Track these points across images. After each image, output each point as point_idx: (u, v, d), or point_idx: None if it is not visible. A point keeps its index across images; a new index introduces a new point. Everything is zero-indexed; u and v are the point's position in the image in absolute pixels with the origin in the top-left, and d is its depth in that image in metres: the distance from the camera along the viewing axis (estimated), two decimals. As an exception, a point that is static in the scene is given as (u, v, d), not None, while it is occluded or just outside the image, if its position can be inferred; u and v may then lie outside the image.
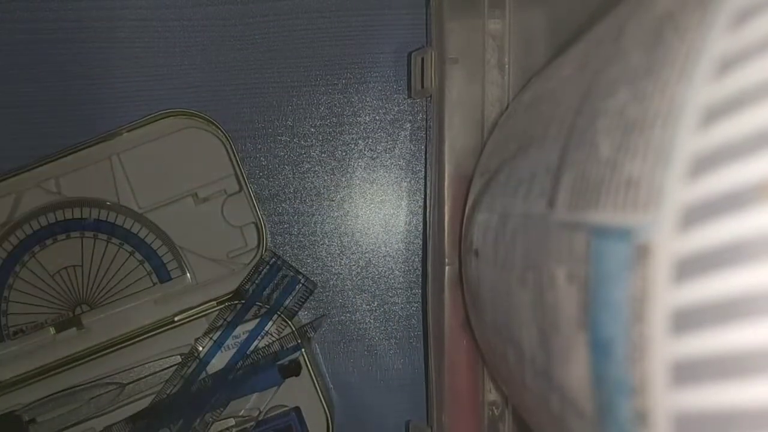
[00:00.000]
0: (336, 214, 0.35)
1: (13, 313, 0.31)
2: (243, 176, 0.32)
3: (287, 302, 0.33)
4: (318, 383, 0.33)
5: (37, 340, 0.31)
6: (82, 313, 0.32)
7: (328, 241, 0.35)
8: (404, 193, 0.35)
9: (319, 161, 0.35)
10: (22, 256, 0.31)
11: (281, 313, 0.32)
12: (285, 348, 0.32)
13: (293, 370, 0.32)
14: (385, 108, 0.35)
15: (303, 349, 0.32)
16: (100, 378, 0.31)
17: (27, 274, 0.32)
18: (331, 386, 0.35)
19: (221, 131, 0.32)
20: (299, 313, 0.34)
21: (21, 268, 0.31)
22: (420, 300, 0.35)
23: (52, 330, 0.31)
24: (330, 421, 0.33)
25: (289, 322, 0.32)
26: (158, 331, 0.32)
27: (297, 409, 0.32)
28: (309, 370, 0.33)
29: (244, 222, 0.33)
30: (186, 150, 0.32)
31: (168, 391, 0.31)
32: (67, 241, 0.32)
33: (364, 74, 0.35)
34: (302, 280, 0.33)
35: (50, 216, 0.32)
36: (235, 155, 0.32)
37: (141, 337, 0.32)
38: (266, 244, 0.33)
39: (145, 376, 0.32)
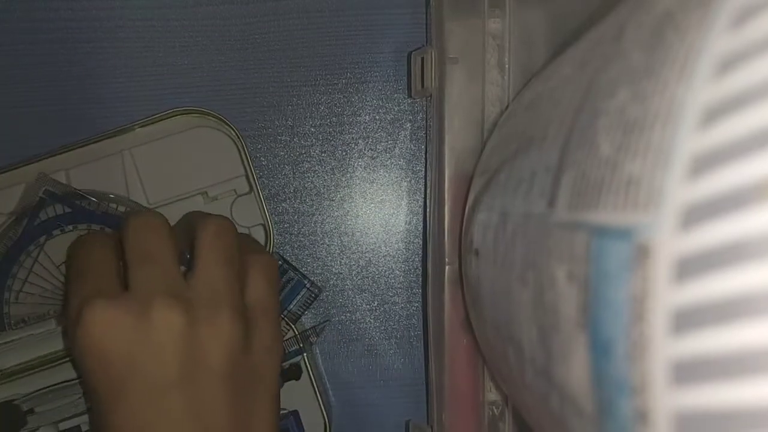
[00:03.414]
0: (336, 213, 0.35)
1: (16, 303, 0.31)
2: (254, 177, 0.32)
3: (291, 305, 0.33)
4: (317, 387, 0.32)
5: (39, 330, 0.31)
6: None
7: (329, 241, 0.35)
8: (404, 193, 0.35)
9: (319, 161, 0.35)
10: (28, 246, 0.31)
11: (285, 316, 0.32)
12: (287, 351, 0.32)
13: (293, 374, 0.32)
14: (386, 108, 0.35)
15: (305, 354, 0.32)
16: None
17: (32, 265, 0.32)
18: (330, 389, 0.35)
19: (234, 131, 0.32)
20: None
21: (26, 258, 0.31)
22: (420, 299, 0.35)
23: (54, 321, 0.31)
24: (328, 426, 0.32)
25: (293, 326, 0.32)
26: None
27: (295, 413, 0.32)
28: (309, 374, 0.33)
29: (252, 223, 0.33)
30: (198, 148, 0.32)
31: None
32: (74, 233, 0.32)
33: (364, 74, 0.35)
34: (308, 284, 0.33)
35: (58, 207, 0.31)
36: (246, 156, 0.32)
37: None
38: (273, 246, 0.33)
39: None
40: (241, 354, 0.25)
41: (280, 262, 0.33)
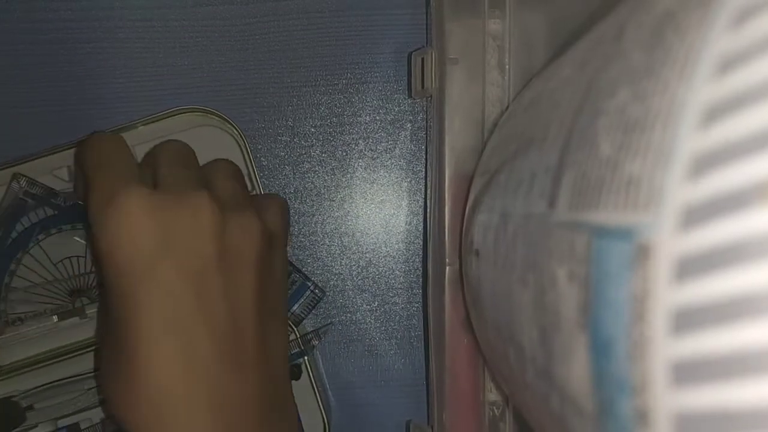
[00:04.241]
0: (336, 214, 0.35)
1: (13, 300, 0.31)
2: (256, 176, 0.32)
3: (295, 307, 0.33)
4: (317, 387, 0.32)
5: (38, 327, 0.31)
6: (83, 305, 0.32)
7: (329, 242, 0.35)
8: (405, 194, 0.35)
9: (320, 161, 0.35)
10: (26, 243, 0.31)
11: (288, 318, 0.32)
12: (288, 353, 0.32)
13: (293, 374, 0.32)
14: (386, 108, 0.35)
15: (306, 357, 0.32)
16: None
17: (30, 262, 0.32)
18: (330, 390, 0.35)
19: (237, 130, 0.32)
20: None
21: (24, 255, 0.31)
22: (421, 300, 0.35)
23: (54, 318, 0.31)
24: (327, 426, 0.32)
25: (295, 329, 0.32)
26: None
27: None
28: (309, 375, 0.32)
29: None
30: (200, 147, 0.32)
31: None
32: (72, 231, 0.32)
33: (364, 74, 0.35)
34: (312, 287, 0.33)
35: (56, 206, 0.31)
36: (249, 155, 0.32)
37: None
38: None
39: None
40: (265, 257, 0.26)
41: None
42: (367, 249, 0.35)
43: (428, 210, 0.31)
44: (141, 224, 0.24)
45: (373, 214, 0.35)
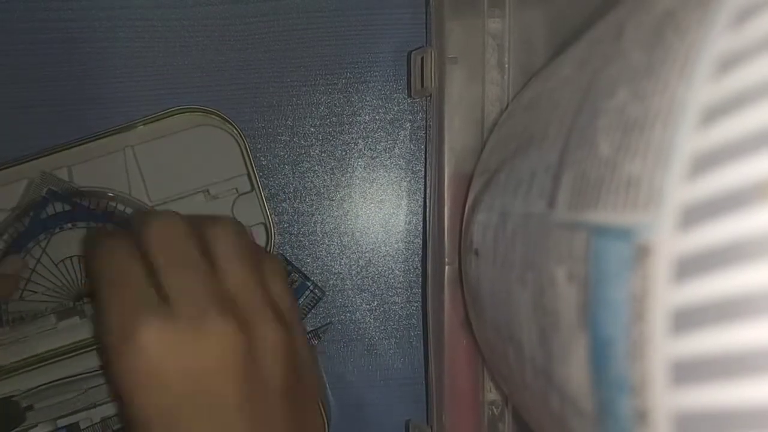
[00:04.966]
0: (336, 213, 0.35)
1: (14, 300, 0.31)
2: (255, 176, 0.32)
3: None
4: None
5: (38, 327, 0.31)
6: (84, 304, 0.32)
7: (328, 241, 0.35)
8: (404, 193, 0.35)
9: (319, 161, 0.35)
10: (27, 243, 0.31)
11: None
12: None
13: None
14: (385, 107, 0.35)
15: None
16: (100, 368, 0.31)
17: (31, 262, 0.32)
18: (330, 389, 0.35)
19: (236, 130, 0.32)
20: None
21: (25, 255, 0.31)
22: (420, 299, 0.35)
23: (53, 318, 0.31)
24: (326, 425, 0.32)
25: None
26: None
27: None
28: None
29: (253, 222, 0.33)
30: (200, 146, 0.32)
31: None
32: (73, 231, 0.32)
33: (364, 74, 0.35)
34: (311, 287, 0.33)
35: (58, 205, 0.32)
36: (249, 155, 0.32)
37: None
38: (274, 246, 0.33)
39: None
40: (291, 365, 0.24)
41: (283, 264, 0.33)
42: (366, 248, 0.35)
43: (427, 209, 0.31)
44: (163, 363, 0.22)
45: (372, 213, 0.35)
